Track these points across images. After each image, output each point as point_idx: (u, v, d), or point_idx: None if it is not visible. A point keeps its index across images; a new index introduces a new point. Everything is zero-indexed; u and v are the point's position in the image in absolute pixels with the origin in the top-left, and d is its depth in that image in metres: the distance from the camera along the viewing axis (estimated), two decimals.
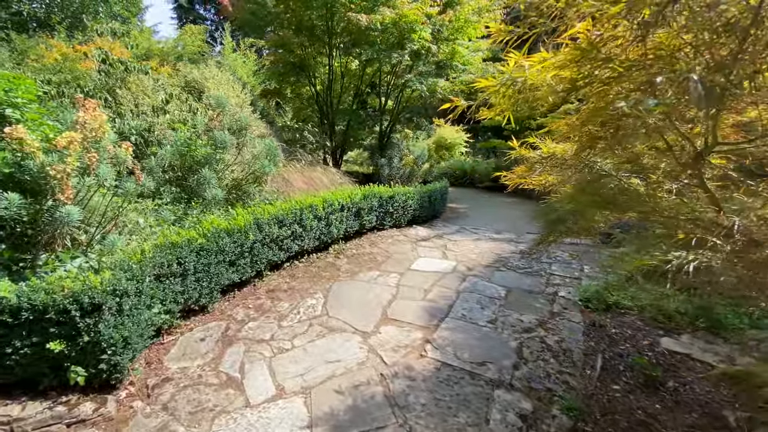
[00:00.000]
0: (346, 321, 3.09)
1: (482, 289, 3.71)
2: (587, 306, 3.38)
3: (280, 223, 4.05)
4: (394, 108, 10.01)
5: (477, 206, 9.29)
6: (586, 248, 5.03)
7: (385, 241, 5.34)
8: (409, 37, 7.47)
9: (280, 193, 5.39)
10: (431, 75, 8.39)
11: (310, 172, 6.22)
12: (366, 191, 5.40)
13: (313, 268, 4.28)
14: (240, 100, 7.44)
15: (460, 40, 8.52)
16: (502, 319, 3.11)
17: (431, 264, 4.41)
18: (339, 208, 4.87)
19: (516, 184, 2.49)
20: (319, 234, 4.60)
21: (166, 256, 2.78)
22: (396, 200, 5.86)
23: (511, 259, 4.60)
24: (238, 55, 15.00)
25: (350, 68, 10.25)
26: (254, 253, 3.72)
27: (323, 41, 8.85)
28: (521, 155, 2.28)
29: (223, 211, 4.39)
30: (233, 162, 5.08)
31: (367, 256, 4.69)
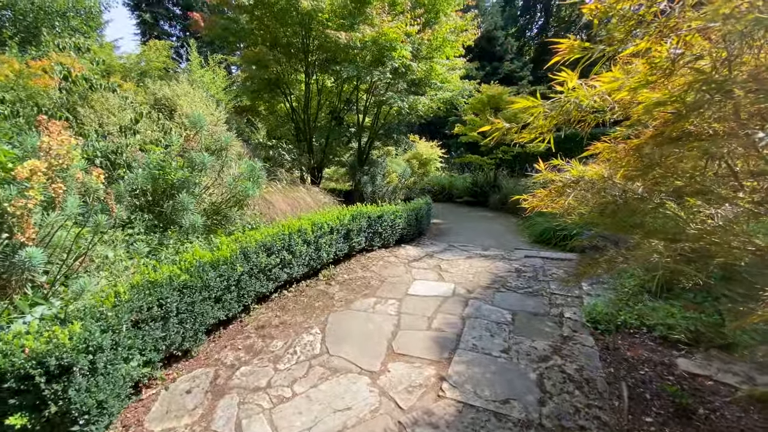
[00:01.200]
0: (350, 359, 2.81)
1: (487, 313, 3.55)
2: (596, 327, 3.28)
3: (267, 250, 3.74)
4: (373, 125, 9.92)
5: (459, 221, 9.26)
6: (577, 264, 5.02)
7: (376, 263, 5.10)
8: (389, 55, 7.43)
9: (262, 216, 5.06)
10: (410, 92, 8.39)
11: (292, 192, 5.93)
12: (354, 211, 5.18)
13: (303, 298, 3.97)
14: (215, 118, 7.08)
15: (437, 59, 8.60)
16: (515, 348, 2.94)
17: (429, 287, 4.21)
18: (328, 230, 4.61)
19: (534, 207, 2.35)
20: (308, 260, 4.31)
21: (146, 298, 2.42)
22: (385, 219, 5.67)
23: (508, 278, 4.49)
24: (206, 71, 14.57)
25: (326, 85, 10.13)
26: (241, 286, 3.39)
27: (299, 58, 8.69)
28: (545, 178, 2.14)
29: (202, 240, 4.03)
30: (212, 185, 4.73)
31: (360, 281, 4.43)
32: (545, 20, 28.02)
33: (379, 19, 6.94)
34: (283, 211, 5.52)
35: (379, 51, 7.52)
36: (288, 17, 7.55)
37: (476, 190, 12.03)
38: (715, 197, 1.44)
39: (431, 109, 10.10)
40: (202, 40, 22.96)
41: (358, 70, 7.12)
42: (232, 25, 8.25)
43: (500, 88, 11.04)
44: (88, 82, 4.36)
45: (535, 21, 28.63)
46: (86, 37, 13.05)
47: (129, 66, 15.17)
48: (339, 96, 9.69)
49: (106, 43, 17.89)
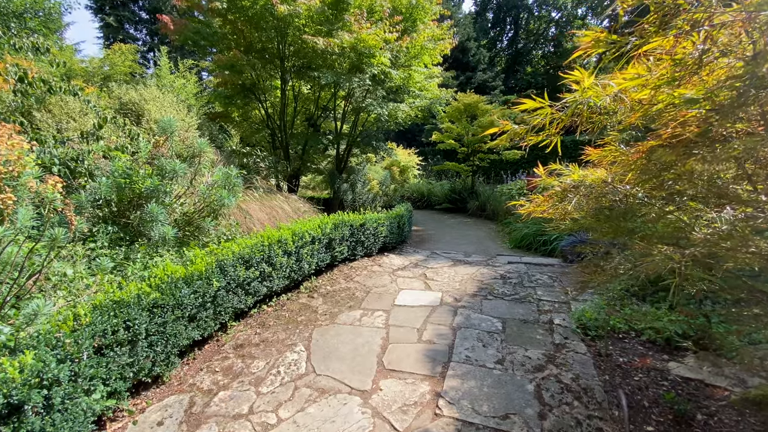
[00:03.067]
0: (339, 378, 2.64)
1: (477, 322, 3.46)
2: (586, 333, 3.26)
3: (246, 263, 3.52)
4: (351, 132, 9.81)
5: (440, 228, 9.25)
6: (560, 269, 5.05)
7: (360, 273, 4.94)
8: (368, 62, 7.37)
9: (238, 226, 4.81)
10: (389, 99, 8.35)
11: (270, 201, 5.69)
12: (336, 220, 5.01)
13: (285, 313, 3.75)
14: (186, 124, 6.76)
15: (415, 66, 8.62)
16: (509, 358, 2.86)
17: (416, 297, 4.09)
18: (310, 240, 4.42)
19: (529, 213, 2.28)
20: (289, 272, 4.09)
21: (110, 320, 2.16)
22: (367, 228, 5.53)
23: (494, 285, 4.44)
24: (177, 76, 14.08)
25: (303, 92, 9.97)
26: (218, 303, 3.14)
27: (275, 64, 8.49)
28: (543, 183, 2.08)
29: (174, 253, 3.75)
30: (184, 193, 4.45)
31: (344, 292, 4.25)
32: (515, 32, 29.03)
33: (358, 26, 6.87)
34: (260, 221, 5.27)
35: (357, 58, 7.45)
36: (263, 22, 7.36)
37: (455, 197, 12.11)
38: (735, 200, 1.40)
39: (409, 117, 10.11)
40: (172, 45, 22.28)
41: (337, 77, 7.00)
42: (203, 29, 7.95)
43: (476, 96, 11.22)
44: (46, 85, 4.01)
45: (505, 33, 29.62)
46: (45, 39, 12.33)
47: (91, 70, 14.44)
48: (316, 103, 9.54)
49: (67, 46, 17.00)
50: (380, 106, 7.52)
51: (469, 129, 11.29)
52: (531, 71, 27.54)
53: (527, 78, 26.80)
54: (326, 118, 11.18)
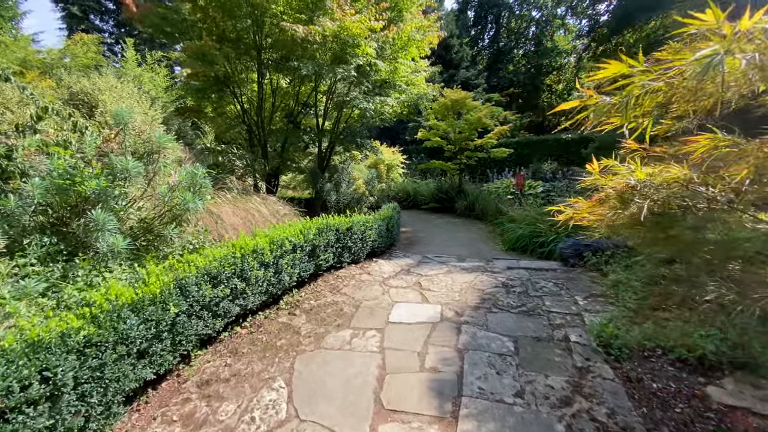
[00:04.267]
0: (328, 425, 2.14)
1: (485, 343, 3.02)
2: (609, 353, 2.87)
3: (213, 279, 2.96)
4: (334, 128, 9.27)
5: (428, 229, 8.82)
6: (564, 274, 4.69)
7: (348, 283, 4.44)
8: (352, 52, 6.86)
9: (207, 233, 4.22)
10: (375, 94, 7.86)
11: (245, 203, 5.11)
12: (320, 224, 4.49)
13: (262, 336, 3.21)
14: (149, 118, 6.07)
15: (402, 59, 8.16)
16: (529, 389, 2.42)
17: (413, 312, 3.63)
18: (290, 248, 3.88)
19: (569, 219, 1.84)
20: (266, 286, 3.55)
21: (19, 371, 1.60)
22: (354, 232, 5.02)
23: (497, 295, 4.02)
24: (145, 69, 13.17)
25: (282, 86, 9.35)
26: (177, 331, 2.59)
27: (251, 56, 7.86)
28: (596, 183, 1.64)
29: (127, 267, 3.15)
30: (142, 197, 3.83)
31: (330, 308, 3.74)
32: (496, 31, 29.03)
33: (341, 13, 6.35)
34: (233, 226, 4.69)
35: (341, 48, 6.93)
36: (237, 9, 6.74)
37: (441, 196, 11.72)
38: None
39: (395, 113, 9.64)
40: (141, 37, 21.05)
41: (319, 67, 6.45)
42: (171, 15, 7.23)
43: (463, 93, 10.86)
44: None
45: (487, 31, 29.59)
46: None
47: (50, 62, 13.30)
48: (296, 98, 8.93)
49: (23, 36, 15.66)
50: (366, 101, 7.01)
51: (456, 126, 10.92)
52: (512, 70, 27.57)
53: (509, 76, 26.80)
54: (307, 114, 10.59)
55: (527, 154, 16.01)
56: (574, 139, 15.65)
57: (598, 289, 4.10)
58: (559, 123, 27.43)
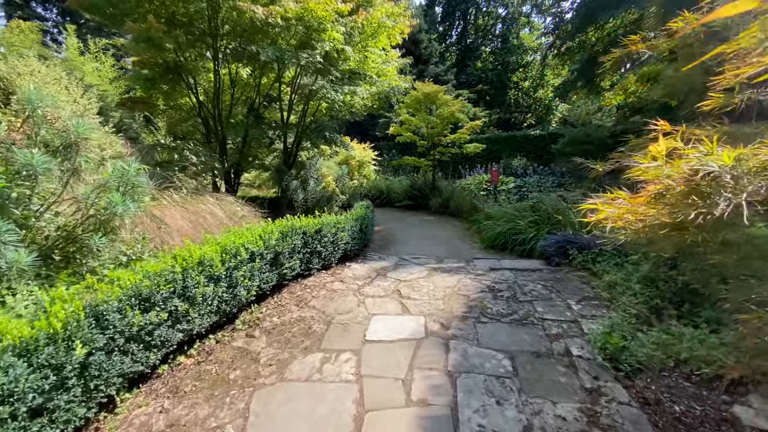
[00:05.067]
0: None
1: (479, 362, 2.61)
2: (617, 368, 2.54)
3: (144, 302, 2.35)
4: (300, 122, 8.64)
5: (403, 228, 8.40)
6: (551, 275, 4.39)
7: (317, 293, 3.90)
8: (318, 37, 6.29)
9: (147, 240, 3.55)
10: (344, 84, 7.32)
11: (196, 204, 4.44)
12: (284, 227, 3.92)
13: (211, 367, 2.63)
14: (80, 108, 5.23)
15: (372, 47, 7.66)
16: (538, 423, 2.02)
17: (393, 326, 3.16)
18: (247, 257, 3.30)
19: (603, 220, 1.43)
20: (217, 304, 2.96)
21: None
22: (325, 235, 4.49)
23: (484, 301, 3.63)
24: (88, 58, 11.91)
25: (242, 76, 8.60)
26: (92, 374, 1.98)
27: (207, 43, 7.11)
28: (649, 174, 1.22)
29: (36, 288, 2.48)
30: (59, 198, 3.13)
31: (296, 326, 3.20)
32: (464, 27, 29.12)
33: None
34: (181, 231, 4.03)
35: (306, 32, 6.33)
36: None
37: (415, 193, 11.34)
38: None
39: (366, 106, 9.14)
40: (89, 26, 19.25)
41: (281, 53, 5.83)
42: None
43: (436, 86, 10.49)
44: None
45: (455, 28, 29.63)
46: None
47: None
48: (257, 89, 8.19)
49: None
50: (334, 90, 6.45)
51: (428, 121, 10.56)
52: (480, 66, 27.73)
53: (477, 73, 26.91)
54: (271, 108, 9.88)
55: (497, 150, 15.99)
56: (543, 134, 15.79)
57: (589, 290, 3.82)
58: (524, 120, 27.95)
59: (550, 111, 26.31)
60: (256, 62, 6.75)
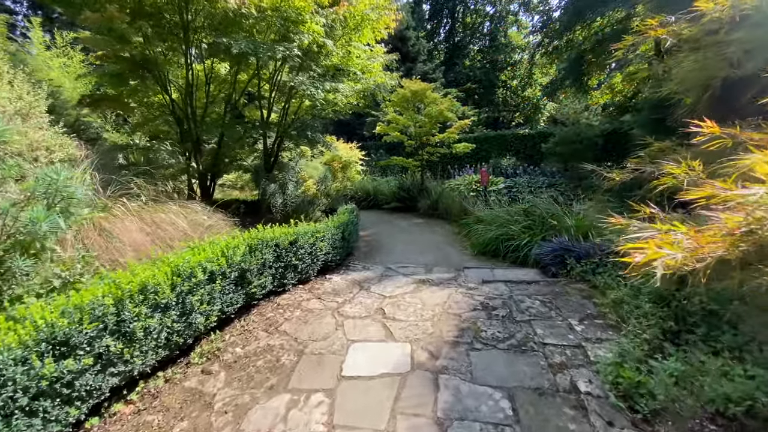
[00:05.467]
0: None
1: (474, 404, 2.22)
2: (634, 409, 2.18)
3: (61, 346, 1.90)
4: (281, 121, 8.16)
5: (390, 232, 8.00)
6: (549, 288, 4.04)
7: (291, 314, 3.47)
8: (297, 29, 5.83)
9: (89, 260, 3.07)
10: (327, 80, 6.87)
11: (155, 214, 3.95)
12: (252, 240, 3.48)
13: (154, 417, 2.18)
14: (25, 106, 4.68)
15: (355, 42, 7.23)
16: None
17: (374, 356, 2.75)
18: (205, 278, 2.85)
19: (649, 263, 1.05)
20: (166, 336, 2.51)
21: None
22: (301, 246, 4.06)
23: (477, 321, 3.25)
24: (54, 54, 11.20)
25: (219, 72, 8.09)
26: None
27: (177, 35, 6.60)
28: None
29: None
30: None
31: (262, 357, 2.77)
32: (452, 25, 28.85)
33: None
34: (136, 246, 3.55)
35: (283, 24, 5.88)
36: None
37: (403, 195, 10.93)
38: None
39: (350, 104, 8.70)
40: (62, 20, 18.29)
41: (255, 46, 5.36)
42: None
43: (424, 84, 10.11)
44: None
45: (443, 26, 29.35)
46: None
47: None
48: (233, 86, 7.67)
49: None
50: (314, 86, 5.99)
51: (416, 120, 10.17)
52: (469, 65, 27.50)
53: (465, 71, 26.65)
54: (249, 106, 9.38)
55: (486, 150, 15.70)
56: (533, 134, 15.56)
57: (592, 307, 3.47)
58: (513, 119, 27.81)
59: (538, 110, 26.26)
60: (230, 57, 6.26)
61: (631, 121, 10.37)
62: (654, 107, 8.44)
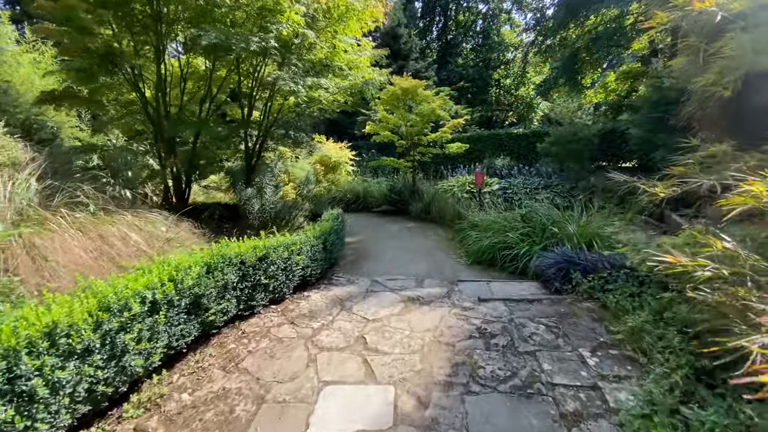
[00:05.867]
0: None
1: None
2: None
3: None
4: (262, 120, 7.64)
5: (380, 238, 7.52)
6: (554, 307, 3.59)
7: (257, 345, 2.97)
8: (274, 19, 5.32)
9: (12, 286, 2.55)
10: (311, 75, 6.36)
11: (102, 226, 3.42)
12: (211, 259, 2.97)
13: None
14: None
15: (341, 35, 6.74)
16: None
17: (350, 402, 2.27)
18: (146, 309, 2.35)
19: None
20: (85, 388, 2.00)
21: None
22: (273, 262, 3.55)
23: (474, 354, 2.79)
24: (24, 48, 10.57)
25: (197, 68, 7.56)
26: None
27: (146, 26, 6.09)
28: None
29: None
30: None
31: (214, 407, 2.27)
32: (444, 23, 28.45)
33: None
34: (78, 265, 3.02)
35: (260, 13, 5.37)
36: None
37: (395, 197, 10.45)
38: None
39: (338, 103, 8.21)
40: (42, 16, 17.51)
41: (227, 36, 4.84)
42: None
43: (415, 81, 9.62)
44: None
45: (435, 24, 28.94)
46: None
47: None
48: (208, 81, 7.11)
49: None
50: (293, 82, 5.48)
51: (407, 119, 9.70)
52: (462, 63, 27.10)
53: (458, 70, 26.25)
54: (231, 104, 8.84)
55: (480, 150, 15.28)
56: (527, 133, 15.17)
57: (603, 331, 3.03)
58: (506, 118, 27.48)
59: (532, 109, 26.00)
60: (202, 50, 5.73)
61: (627, 120, 10.00)
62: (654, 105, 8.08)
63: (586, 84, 20.65)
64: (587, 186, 9.78)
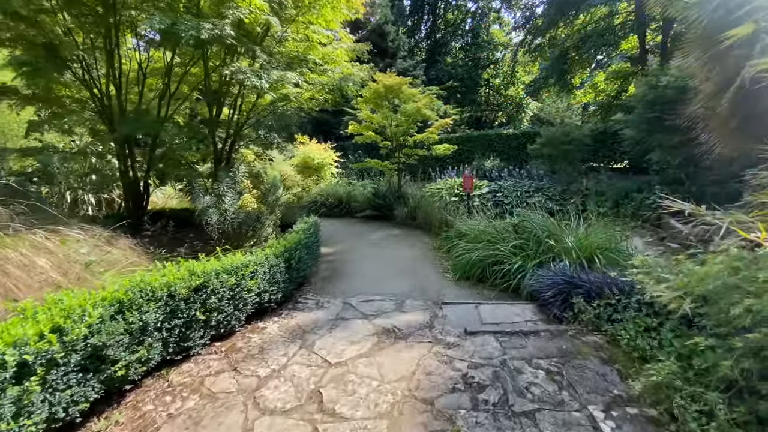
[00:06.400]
0: None
1: None
2: None
3: None
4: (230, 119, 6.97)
5: (360, 247, 6.90)
6: (554, 343, 3.01)
7: (182, 405, 2.32)
8: (232, 3, 4.67)
9: None
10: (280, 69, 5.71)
11: (4, 251, 2.74)
12: (126, 294, 2.32)
13: None
14: None
15: (315, 25, 6.10)
16: None
17: None
18: (9, 376, 1.69)
19: None
20: None
21: None
22: (214, 291, 2.90)
23: (457, 417, 2.17)
24: None
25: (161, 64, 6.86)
26: None
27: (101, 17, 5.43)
28: None
29: None
30: None
31: None
32: (433, 22, 27.94)
33: None
34: None
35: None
36: None
37: (379, 202, 9.83)
38: None
39: (315, 100, 7.57)
40: None
41: (172, 22, 4.17)
42: None
43: (399, 78, 9.03)
44: None
45: (424, 22, 28.42)
46: None
47: None
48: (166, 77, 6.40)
49: None
50: (256, 75, 4.82)
51: (392, 119, 9.10)
52: (451, 62, 26.63)
53: (447, 69, 25.76)
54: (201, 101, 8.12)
55: (469, 150, 14.76)
56: (517, 133, 14.69)
57: (617, 379, 2.46)
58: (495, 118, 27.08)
59: (522, 109, 25.66)
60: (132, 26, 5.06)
61: (621, 121, 9.55)
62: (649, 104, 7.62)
63: (575, 84, 20.35)
64: (580, 188, 9.33)
